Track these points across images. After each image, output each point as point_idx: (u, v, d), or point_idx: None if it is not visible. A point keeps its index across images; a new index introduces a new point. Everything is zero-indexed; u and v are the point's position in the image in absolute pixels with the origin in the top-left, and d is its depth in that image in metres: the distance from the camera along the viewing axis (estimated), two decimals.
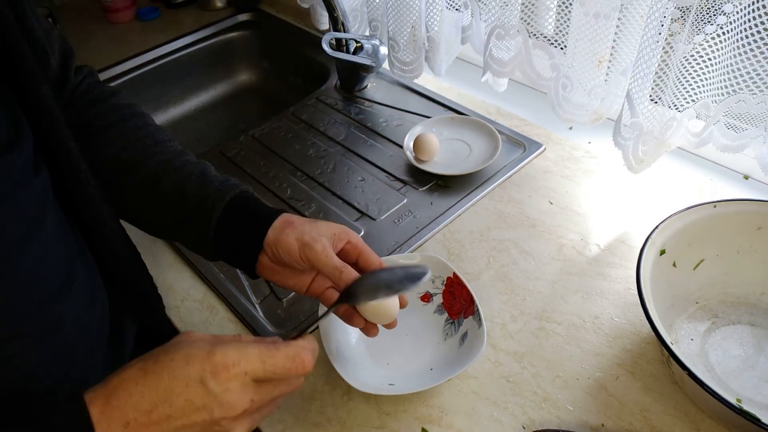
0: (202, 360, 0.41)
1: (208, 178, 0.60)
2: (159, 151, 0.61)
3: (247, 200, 0.59)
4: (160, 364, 0.41)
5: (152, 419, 0.40)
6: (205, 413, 0.41)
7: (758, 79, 0.63)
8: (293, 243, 0.54)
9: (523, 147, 0.92)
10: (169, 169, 0.60)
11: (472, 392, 0.62)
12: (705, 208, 0.64)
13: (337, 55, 1.02)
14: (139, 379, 0.41)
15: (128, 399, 0.40)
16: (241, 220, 0.58)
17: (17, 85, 0.50)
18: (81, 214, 0.57)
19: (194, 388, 0.41)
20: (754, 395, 0.58)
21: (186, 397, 0.41)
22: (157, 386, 0.41)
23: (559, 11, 0.77)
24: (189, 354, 0.42)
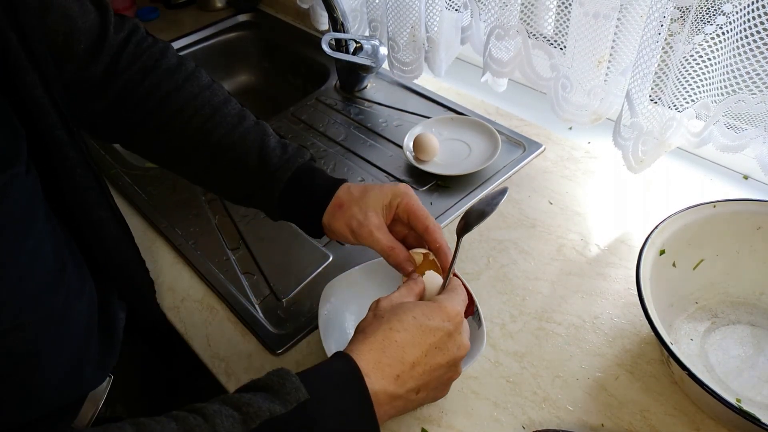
0: (438, 311, 0.51)
1: (267, 151, 0.62)
2: (218, 122, 0.62)
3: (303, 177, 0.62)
4: (406, 323, 0.49)
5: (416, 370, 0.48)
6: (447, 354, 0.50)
7: (758, 79, 0.63)
8: (343, 228, 0.59)
9: (522, 147, 0.92)
10: (230, 145, 0.62)
11: (471, 392, 0.62)
12: (705, 208, 0.64)
13: (337, 55, 1.02)
14: (398, 339, 0.48)
15: (394, 356, 0.48)
16: (300, 199, 0.62)
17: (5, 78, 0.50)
18: (68, 203, 0.57)
19: (439, 335, 0.50)
20: (753, 395, 0.58)
21: (435, 344, 0.49)
22: (413, 342, 0.48)
23: (559, 11, 0.77)
24: (424, 310, 0.50)
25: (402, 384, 0.47)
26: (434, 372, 0.49)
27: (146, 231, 0.85)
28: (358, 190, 0.61)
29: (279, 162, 0.61)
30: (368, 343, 0.48)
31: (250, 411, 0.41)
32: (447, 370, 0.51)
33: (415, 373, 0.48)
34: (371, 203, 0.59)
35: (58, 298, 0.52)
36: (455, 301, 0.53)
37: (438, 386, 0.51)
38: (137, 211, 0.89)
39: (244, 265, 0.79)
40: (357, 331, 0.51)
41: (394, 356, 0.48)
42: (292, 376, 0.44)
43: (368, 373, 0.46)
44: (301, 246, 0.81)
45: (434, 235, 0.59)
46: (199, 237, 0.84)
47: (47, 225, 0.52)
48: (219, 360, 0.68)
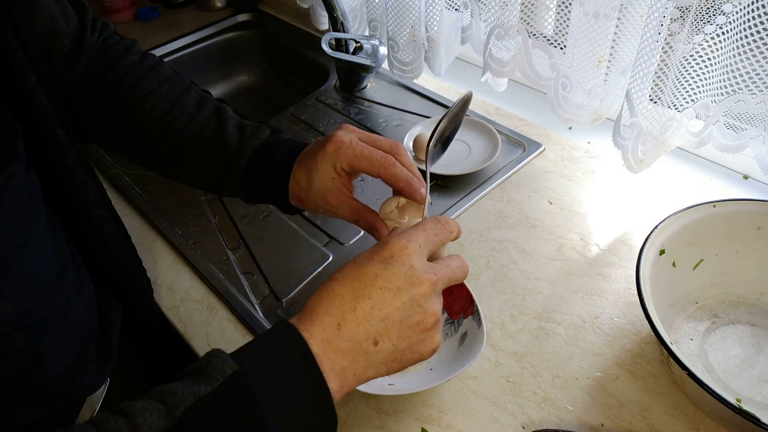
0: (379, 251, 0.45)
1: (225, 139, 0.60)
2: (177, 115, 0.62)
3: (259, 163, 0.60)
4: (345, 270, 0.45)
5: (358, 315, 0.43)
6: (402, 294, 0.44)
7: (757, 79, 0.63)
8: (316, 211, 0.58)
9: (522, 147, 0.92)
10: (189, 137, 0.61)
11: (471, 392, 0.62)
12: (704, 208, 0.64)
13: (337, 55, 1.02)
14: (335, 288, 0.44)
15: (331, 304, 0.43)
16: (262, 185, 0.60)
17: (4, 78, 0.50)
18: (68, 202, 0.57)
19: (383, 274, 0.44)
20: (753, 395, 0.58)
21: (379, 285, 0.43)
22: (352, 287, 0.44)
23: (559, 11, 0.77)
24: (366, 253, 0.45)
25: (348, 334, 0.42)
26: (389, 317, 0.43)
27: (146, 231, 0.85)
28: (303, 177, 0.57)
29: (237, 148, 0.60)
30: (309, 303, 0.44)
31: (174, 400, 0.38)
32: (407, 312, 0.44)
33: (361, 320, 0.43)
34: (321, 186, 0.55)
35: (61, 298, 0.52)
36: (406, 233, 0.46)
37: (405, 334, 0.44)
38: (137, 211, 0.89)
39: (244, 265, 0.79)
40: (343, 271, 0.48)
41: (331, 304, 0.43)
42: (220, 353, 0.41)
43: (306, 329, 0.42)
44: (301, 246, 0.81)
45: (390, 175, 0.53)
46: (199, 237, 0.83)
47: (48, 225, 0.53)
48: None
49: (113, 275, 0.65)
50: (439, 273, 0.46)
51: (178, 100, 0.63)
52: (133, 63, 0.64)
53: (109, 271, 0.64)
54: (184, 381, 0.40)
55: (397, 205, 0.56)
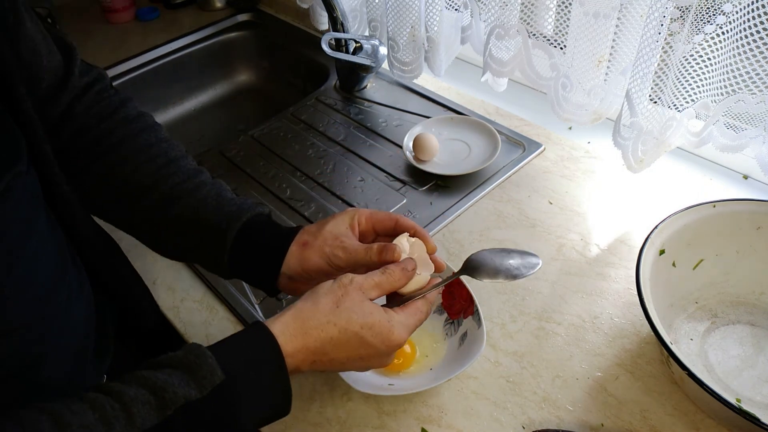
0: (383, 336, 0.50)
1: (224, 200, 0.60)
2: (173, 171, 0.60)
3: (261, 224, 0.59)
4: (351, 332, 0.49)
5: (331, 361, 0.51)
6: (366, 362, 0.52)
7: (757, 78, 0.63)
8: (317, 259, 0.57)
9: (522, 147, 0.92)
10: (184, 192, 0.59)
11: (471, 392, 0.62)
12: (704, 208, 0.64)
13: (337, 55, 1.02)
14: (334, 336, 0.49)
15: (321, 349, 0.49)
16: (255, 246, 0.58)
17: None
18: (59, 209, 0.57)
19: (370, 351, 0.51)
20: (753, 395, 0.58)
21: (360, 355, 0.51)
22: (346, 346, 0.50)
23: (559, 11, 0.77)
24: (373, 327, 0.50)
25: (314, 367, 0.50)
26: (345, 366, 0.52)
27: None
28: (315, 227, 0.59)
29: (236, 209, 0.59)
30: (308, 326, 0.49)
31: (166, 396, 0.42)
32: (357, 368, 0.53)
33: (329, 364, 0.51)
34: (335, 229, 0.57)
35: (61, 297, 0.53)
36: (406, 328, 0.52)
37: (340, 370, 0.55)
38: None
39: None
40: (313, 295, 0.51)
41: (322, 350, 0.49)
42: (209, 357, 0.45)
43: (292, 355, 0.48)
44: None
45: (406, 222, 0.58)
46: None
47: (48, 224, 0.53)
48: None
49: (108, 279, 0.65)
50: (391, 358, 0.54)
51: (176, 160, 0.61)
52: (130, 117, 0.62)
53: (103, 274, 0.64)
54: (174, 376, 0.43)
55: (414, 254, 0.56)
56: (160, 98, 1.30)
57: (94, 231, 0.62)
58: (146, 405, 0.41)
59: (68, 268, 0.55)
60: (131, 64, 1.25)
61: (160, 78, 1.28)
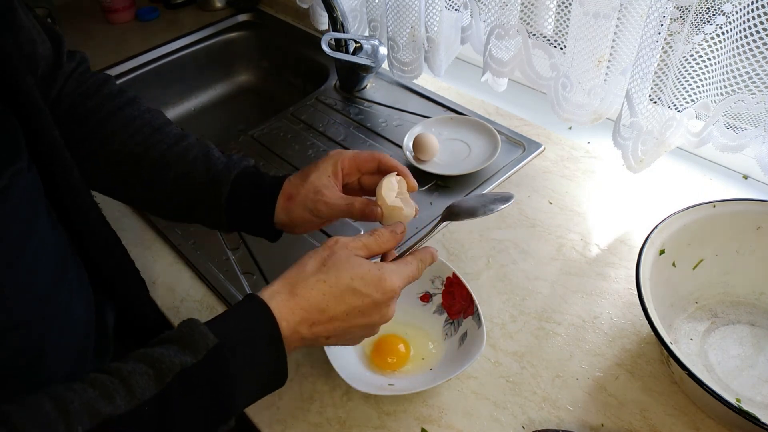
0: (375, 283, 0.51)
1: (212, 159, 0.62)
2: (160, 138, 0.63)
3: (250, 177, 0.62)
4: (341, 281, 0.50)
5: (330, 321, 0.50)
6: (368, 318, 0.51)
7: (757, 79, 0.63)
8: (302, 213, 0.60)
9: (522, 147, 0.92)
10: (174, 156, 0.62)
11: (471, 392, 0.62)
12: (704, 208, 0.64)
13: (337, 55, 1.02)
14: (325, 291, 0.50)
15: (316, 306, 0.49)
16: (247, 200, 0.62)
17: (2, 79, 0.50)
18: (65, 203, 0.58)
19: (366, 301, 0.50)
20: (753, 395, 0.58)
21: (359, 308, 0.50)
22: (339, 299, 0.50)
23: (559, 11, 0.77)
24: (364, 276, 0.50)
25: (316, 331, 0.50)
26: (350, 329, 0.52)
27: (146, 231, 0.85)
28: (299, 177, 0.62)
29: (224, 166, 0.62)
30: (297, 287, 0.49)
31: (163, 367, 0.43)
32: (362, 329, 0.53)
33: (331, 326, 0.50)
34: (317, 181, 0.60)
35: (62, 295, 0.53)
36: (398, 276, 0.52)
37: (349, 339, 0.54)
38: (137, 211, 0.89)
39: (244, 265, 0.79)
40: (300, 262, 0.52)
41: (316, 307, 0.49)
42: (200, 325, 0.46)
43: (286, 317, 0.48)
44: (301, 246, 0.81)
45: (388, 161, 0.62)
46: (199, 237, 0.83)
47: (49, 223, 0.53)
48: None
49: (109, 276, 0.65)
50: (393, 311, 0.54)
51: (161, 128, 0.64)
52: (113, 93, 0.65)
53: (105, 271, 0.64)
54: (169, 348, 0.44)
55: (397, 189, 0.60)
56: (160, 98, 1.30)
57: (99, 224, 0.62)
58: (144, 376, 0.42)
59: (68, 267, 0.55)
60: (131, 64, 1.25)
61: (160, 78, 1.28)
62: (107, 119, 0.63)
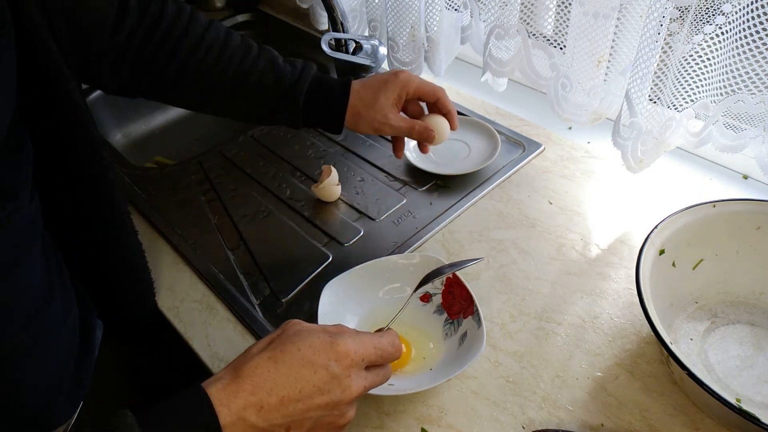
0: (327, 349, 0.46)
1: (279, 72, 0.69)
2: (229, 57, 0.68)
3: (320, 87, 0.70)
4: (288, 354, 0.45)
5: (283, 403, 0.44)
6: (328, 396, 0.45)
7: (757, 79, 0.63)
8: (368, 129, 0.70)
9: (522, 147, 0.92)
10: (244, 75, 0.68)
11: (471, 392, 0.62)
12: (704, 208, 0.64)
13: (337, 55, 1.02)
14: (271, 367, 0.45)
15: (262, 386, 0.44)
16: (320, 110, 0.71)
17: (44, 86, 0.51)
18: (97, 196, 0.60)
19: (321, 374, 0.45)
20: (753, 395, 0.58)
21: (314, 383, 0.45)
22: (288, 374, 0.44)
23: (559, 11, 0.77)
24: (313, 344, 0.46)
25: (266, 417, 0.44)
26: (309, 412, 0.45)
27: (146, 231, 0.85)
28: (369, 94, 0.69)
29: (292, 78, 0.69)
30: (242, 369, 0.45)
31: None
32: (326, 412, 0.46)
33: (285, 410, 0.44)
34: (384, 104, 0.68)
35: (43, 326, 0.53)
36: (354, 340, 0.47)
37: (316, 427, 0.47)
38: (137, 211, 0.89)
39: (244, 265, 0.79)
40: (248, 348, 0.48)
41: (263, 387, 0.44)
42: (129, 416, 0.41)
43: (227, 403, 0.43)
44: (301, 246, 0.81)
45: (444, 101, 0.71)
46: (199, 237, 0.83)
47: (43, 256, 0.53)
48: (219, 360, 0.67)
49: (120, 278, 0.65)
50: (369, 385, 0.48)
51: (226, 42, 0.69)
52: (174, 14, 0.67)
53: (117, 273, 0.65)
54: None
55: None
56: None
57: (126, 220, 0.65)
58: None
59: (55, 294, 0.55)
60: None
61: None
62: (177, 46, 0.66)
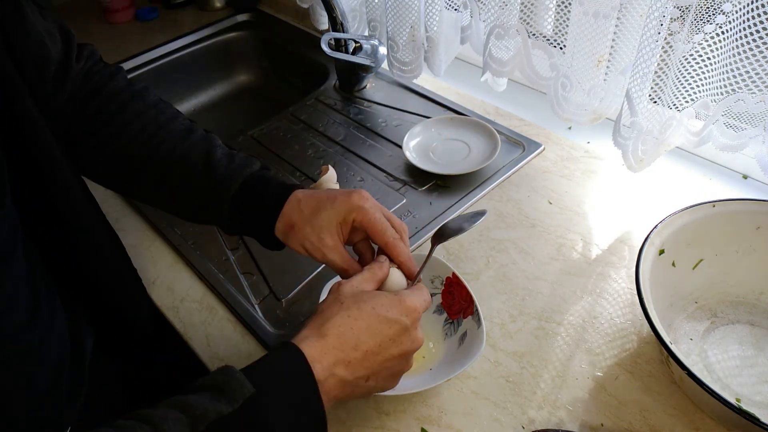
0: (397, 305, 0.51)
1: (213, 164, 0.60)
2: (164, 138, 0.61)
3: (253, 189, 0.60)
4: (365, 312, 0.49)
5: (366, 356, 0.49)
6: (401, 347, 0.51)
7: (757, 78, 0.63)
8: (298, 248, 0.59)
9: (522, 147, 0.92)
10: (176, 160, 0.61)
11: (471, 392, 0.62)
12: (704, 208, 0.64)
13: (336, 55, 1.02)
14: (353, 324, 0.49)
15: (347, 342, 0.48)
16: (249, 212, 0.60)
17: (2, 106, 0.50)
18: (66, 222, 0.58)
19: (395, 328, 0.50)
20: (753, 394, 0.58)
21: (390, 336, 0.50)
22: (368, 330, 0.49)
23: (559, 11, 0.77)
24: (384, 302, 0.50)
25: (352, 371, 0.48)
26: (386, 362, 0.50)
27: (145, 231, 0.85)
28: (309, 207, 0.57)
29: (225, 173, 0.59)
30: (324, 328, 0.48)
31: (197, 413, 0.41)
32: (398, 361, 0.51)
33: (367, 363, 0.49)
34: (324, 224, 0.56)
35: (34, 335, 0.52)
36: (417, 297, 0.53)
37: (388, 376, 0.52)
38: (137, 211, 0.89)
39: (244, 265, 0.79)
40: (316, 313, 0.51)
41: (349, 343, 0.48)
42: (236, 372, 0.44)
43: (319, 359, 0.47)
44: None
45: (395, 250, 0.56)
46: (199, 237, 0.83)
47: (26, 264, 0.52)
48: (218, 360, 0.67)
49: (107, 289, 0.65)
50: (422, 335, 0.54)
51: (165, 125, 0.62)
52: (120, 88, 0.63)
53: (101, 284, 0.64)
54: (202, 395, 0.42)
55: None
56: None
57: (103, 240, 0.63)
58: (177, 422, 0.40)
59: (41, 305, 0.54)
60: (131, 64, 1.25)
61: (159, 78, 1.28)
62: (111, 120, 0.62)
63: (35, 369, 0.53)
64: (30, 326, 0.52)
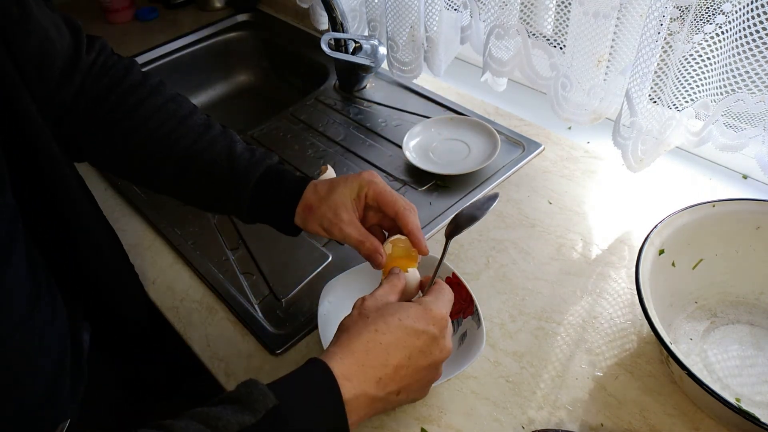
0: (424, 315, 0.50)
1: (235, 157, 0.62)
2: (183, 133, 0.62)
3: (272, 180, 0.62)
4: (392, 326, 0.49)
5: (396, 371, 0.48)
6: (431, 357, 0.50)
7: (757, 78, 0.63)
8: (317, 228, 0.61)
9: (522, 147, 0.92)
10: (196, 154, 0.62)
11: (471, 392, 0.62)
12: (704, 208, 0.64)
13: (336, 55, 1.02)
14: (381, 339, 0.48)
15: (377, 358, 0.47)
16: (269, 201, 0.63)
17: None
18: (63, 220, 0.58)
19: (423, 339, 0.50)
20: (753, 394, 0.58)
21: (419, 348, 0.49)
22: (397, 343, 0.48)
23: (558, 11, 0.77)
24: (410, 313, 0.50)
25: (383, 387, 0.48)
26: (416, 374, 0.50)
27: (145, 231, 0.85)
28: (324, 188, 0.61)
29: (247, 165, 0.62)
30: (352, 345, 0.48)
31: (219, 425, 0.40)
32: (428, 372, 0.51)
33: (398, 376, 0.48)
34: (339, 200, 0.59)
35: (35, 324, 0.52)
36: (441, 303, 0.53)
37: (418, 388, 0.52)
38: (137, 211, 0.89)
39: (244, 265, 0.79)
40: (340, 330, 0.51)
41: (378, 359, 0.47)
42: (259, 384, 0.44)
43: (349, 377, 0.46)
44: (300, 246, 0.81)
45: (405, 218, 0.59)
46: (199, 237, 0.83)
47: (26, 256, 0.53)
48: (218, 360, 0.67)
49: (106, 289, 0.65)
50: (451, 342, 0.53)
51: (185, 119, 0.63)
52: (136, 83, 0.64)
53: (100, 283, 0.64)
54: (225, 407, 0.42)
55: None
56: None
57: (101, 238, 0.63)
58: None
59: (42, 294, 0.54)
60: None
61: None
62: (130, 114, 0.62)
63: (37, 361, 0.53)
64: (32, 316, 0.52)
